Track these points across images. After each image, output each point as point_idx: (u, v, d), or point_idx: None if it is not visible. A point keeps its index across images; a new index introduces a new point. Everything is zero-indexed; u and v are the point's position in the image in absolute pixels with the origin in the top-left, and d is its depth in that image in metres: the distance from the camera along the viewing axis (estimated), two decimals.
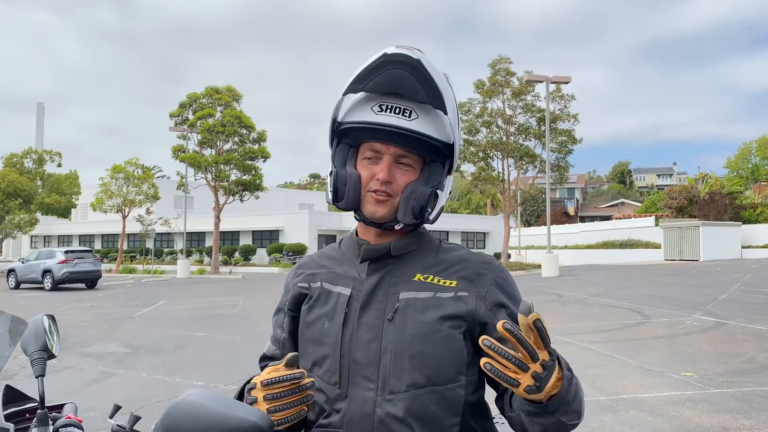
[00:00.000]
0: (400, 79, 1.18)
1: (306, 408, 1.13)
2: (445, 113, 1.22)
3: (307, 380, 1.11)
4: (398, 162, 1.24)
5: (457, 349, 1.19)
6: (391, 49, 1.19)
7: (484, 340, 0.98)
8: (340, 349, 1.22)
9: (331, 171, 1.27)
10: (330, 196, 1.27)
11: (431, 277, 1.26)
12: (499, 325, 0.96)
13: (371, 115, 1.21)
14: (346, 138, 1.28)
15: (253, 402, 1.09)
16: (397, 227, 1.27)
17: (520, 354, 0.97)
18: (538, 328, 0.96)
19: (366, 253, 1.28)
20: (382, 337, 1.20)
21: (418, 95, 1.19)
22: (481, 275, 1.26)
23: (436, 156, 1.26)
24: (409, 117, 1.20)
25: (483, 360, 0.98)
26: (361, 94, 1.23)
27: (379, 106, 1.21)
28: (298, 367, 1.11)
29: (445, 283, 1.24)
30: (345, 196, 1.24)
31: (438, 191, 1.25)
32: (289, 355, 1.11)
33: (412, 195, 1.22)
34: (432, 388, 1.17)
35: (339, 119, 1.26)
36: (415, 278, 1.25)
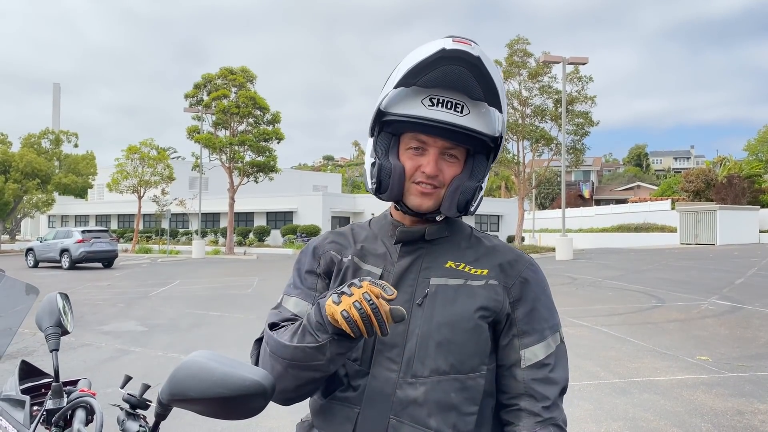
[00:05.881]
0: (457, 77, 1.14)
1: (379, 331, 1.03)
2: (500, 111, 1.19)
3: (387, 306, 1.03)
4: (443, 153, 1.22)
5: (483, 339, 1.20)
6: (449, 44, 1.13)
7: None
8: None
9: (374, 162, 1.22)
10: (372, 187, 1.24)
11: (463, 264, 1.25)
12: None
13: (422, 110, 1.17)
14: (388, 127, 1.23)
15: (343, 295, 1.04)
16: (438, 218, 1.26)
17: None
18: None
19: (401, 234, 1.27)
20: (410, 320, 1.19)
21: (475, 94, 1.16)
22: (511, 266, 1.26)
23: (481, 148, 1.24)
24: (462, 112, 1.17)
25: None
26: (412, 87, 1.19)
27: (430, 100, 1.17)
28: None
29: (476, 271, 1.24)
30: (389, 188, 1.21)
31: (482, 185, 1.24)
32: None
33: (458, 190, 1.21)
34: (455, 376, 1.17)
35: (384, 108, 1.21)
36: (447, 265, 1.25)
